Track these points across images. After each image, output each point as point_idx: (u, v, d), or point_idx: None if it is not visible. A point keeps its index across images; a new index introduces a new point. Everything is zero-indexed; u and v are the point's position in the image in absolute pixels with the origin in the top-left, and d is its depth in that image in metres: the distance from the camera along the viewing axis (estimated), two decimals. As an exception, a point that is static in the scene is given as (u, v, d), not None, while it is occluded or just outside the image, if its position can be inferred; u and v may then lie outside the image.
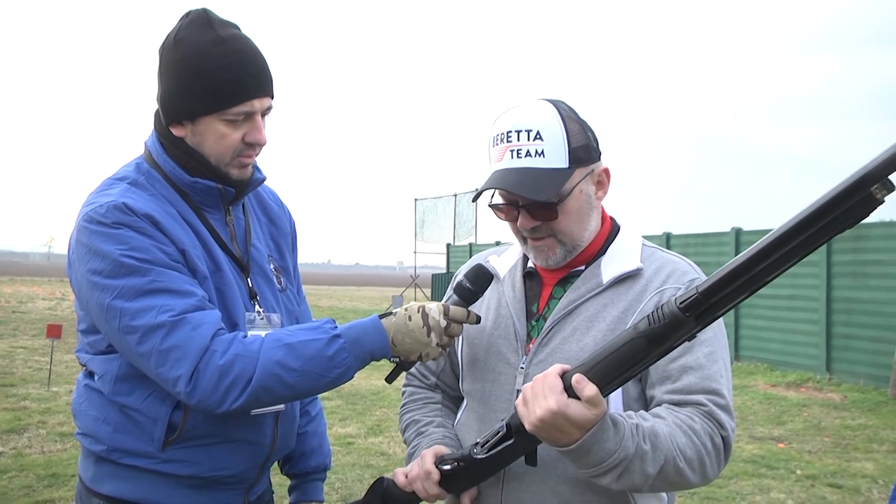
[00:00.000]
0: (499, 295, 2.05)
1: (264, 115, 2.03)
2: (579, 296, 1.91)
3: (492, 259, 2.12)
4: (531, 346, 1.93)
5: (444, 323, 1.92)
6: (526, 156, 1.82)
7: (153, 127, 2.10)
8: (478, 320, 1.97)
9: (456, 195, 29.30)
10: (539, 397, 1.59)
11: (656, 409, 1.76)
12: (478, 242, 27.32)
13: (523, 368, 1.91)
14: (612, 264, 1.93)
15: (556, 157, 1.82)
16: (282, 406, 2.10)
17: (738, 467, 7.31)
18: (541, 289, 2.01)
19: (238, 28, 2.02)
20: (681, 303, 1.48)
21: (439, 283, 26.18)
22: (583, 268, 1.96)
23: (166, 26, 2.10)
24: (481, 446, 1.79)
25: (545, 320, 1.94)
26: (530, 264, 2.03)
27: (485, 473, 1.83)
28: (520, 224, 1.90)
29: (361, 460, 7.35)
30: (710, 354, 1.79)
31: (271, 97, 2.04)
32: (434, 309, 1.93)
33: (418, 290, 30.45)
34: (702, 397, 1.74)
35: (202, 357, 1.81)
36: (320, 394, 2.11)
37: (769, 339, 14.54)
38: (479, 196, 1.94)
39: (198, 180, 2.03)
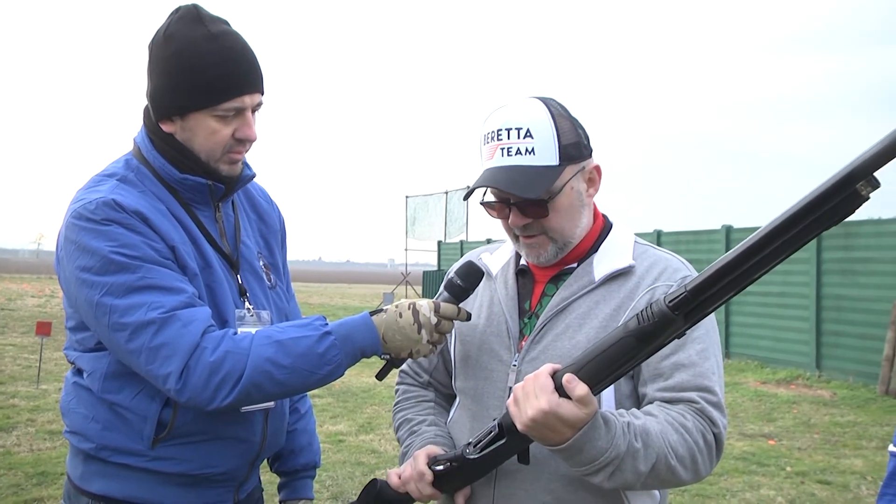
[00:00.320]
0: (491, 292, 2.04)
1: (254, 111, 2.02)
2: (571, 293, 1.90)
3: (484, 257, 2.11)
4: (524, 343, 1.92)
5: (434, 320, 1.91)
6: (516, 154, 1.82)
7: (142, 123, 2.09)
8: (468, 317, 1.96)
9: (447, 192, 29.31)
10: (530, 397, 1.59)
11: (648, 407, 1.76)
12: (469, 240, 27.34)
13: (516, 366, 1.90)
14: (605, 262, 1.92)
15: (547, 154, 1.82)
16: (271, 403, 2.09)
17: (729, 464, 7.33)
18: (533, 286, 2.00)
19: (228, 24, 2.01)
20: (670, 301, 1.49)
21: (430, 281, 26.18)
22: (575, 265, 1.96)
23: (156, 22, 2.09)
24: (473, 446, 1.79)
25: (537, 318, 1.94)
26: (523, 262, 2.03)
27: (478, 473, 1.83)
28: (511, 222, 1.90)
29: (352, 458, 7.35)
30: (702, 352, 1.79)
31: (261, 93, 2.03)
32: (425, 306, 1.92)
33: (409, 287, 30.46)
34: (693, 395, 1.74)
35: (192, 354, 1.81)
36: (310, 391, 2.11)
37: (759, 336, 14.60)
38: (470, 194, 1.94)
39: (187, 177, 2.02)
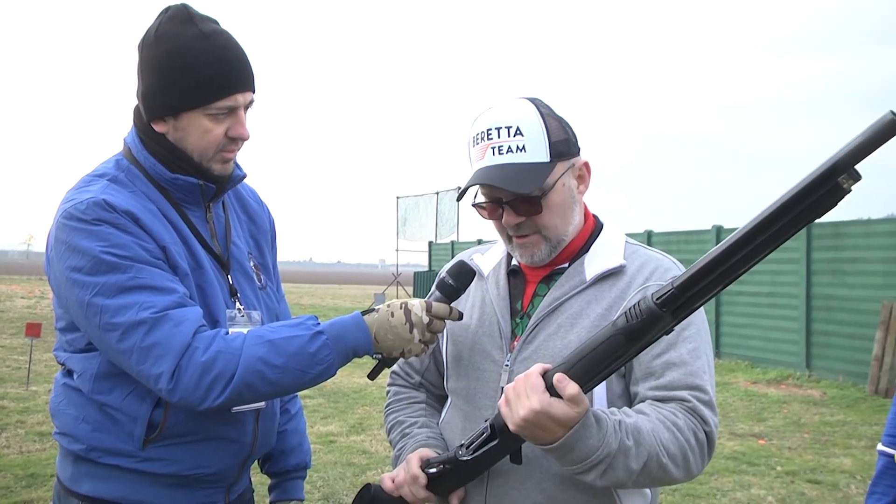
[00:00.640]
0: (483, 293, 2.04)
1: (246, 109, 2.02)
2: (563, 293, 1.91)
3: (476, 257, 2.11)
4: (516, 343, 1.93)
5: (426, 319, 1.91)
6: (507, 152, 1.83)
7: (133, 123, 2.08)
8: (460, 317, 1.97)
9: (438, 193, 29.32)
10: (522, 397, 1.60)
11: (639, 406, 1.77)
12: (460, 240, 27.36)
13: (508, 366, 1.90)
14: (596, 261, 1.93)
15: (537, 151, 1.83)
16: (262, 404, 2.09)
17: (720, 464, 7.35)
18: (525, 286, 2.01)
19: (218, 23, 2.01)
20: (657, 299, 1.50)
21: (421, 281, 26.19)
22: (566, 265, 1.96)
23: (145, 22, 2.09)
24: (466, 448, 1.80)
25: (529, 318, 1.94)
26: (514, 262, 2.03)
27: (471, 474, 1.84)
28: (504, 221, 1.90)
29: (343, 458, 7.34)
30: (694, 351, 1.80)
31: (253, 91, 2.03)
32: (417, 305, 1.92)
33: (400, 288, 30.45)
34: (685, 393, 1.75)
35: (184, 354, 1.80)
36: (302, 391, 2.11)
37: (750, 336, 14.64)
38: (463, 195, 1.93)
39: (178, 176, 2.02)
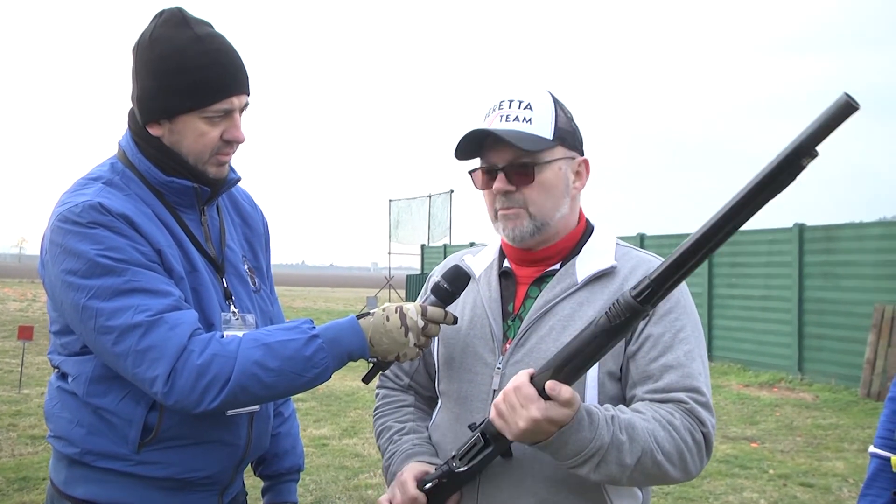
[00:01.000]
0: (474, 295, 2.05)
1: (241, 112, 2.03)
2: (555, 295, 1.92)
3: (467, 259, 2.12)
4: (508, 345, 1.93)
5: (421, 323, 1.92)
6: (514, 120, 1.89)
7: (127, 126, 2.08)
8: (455, 321, 1.97)
9: (430, 196, 29.32)
10: (518, 409, 1.62)
11: (636, 405, 1.79)
12: (452, 243, 27.35)
13: (500, 368, 1.91)
14: (587, 263, 1.94)
15: (543, 127, 1.89)
16: (256, 407, 2.09)
17: (712, 467, 7.36)
18: (516, 288, 2.01)
19: (212, 26, 2.02)
20: (636, 295, 1.55)
21: (414, 284, 26.18)
22: (557, 266, 1.97)
23: (138, 25, 2.09)
24: (459, 459, 1.81)
25: (521, 320, 1.95)
26: (506, 264, 2.04)
27: (466, 481, 1.85)
28: (495, 187, 1.91)
29: (336, 462, 7.34)
30: (689, 353, 1.82)
31: (248, 94, 2.04)
32: (412, 309, 1.93)
33: (393, 291, 30.43)
34: (682, 395, 1.77)
35: (179, 357, 1.80)
36: (296, 395, 2.11)
37: (742, 339, 14.68)
38: (460, 149, 1.93)
39: (174, 179, 2.02)
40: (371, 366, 2.00)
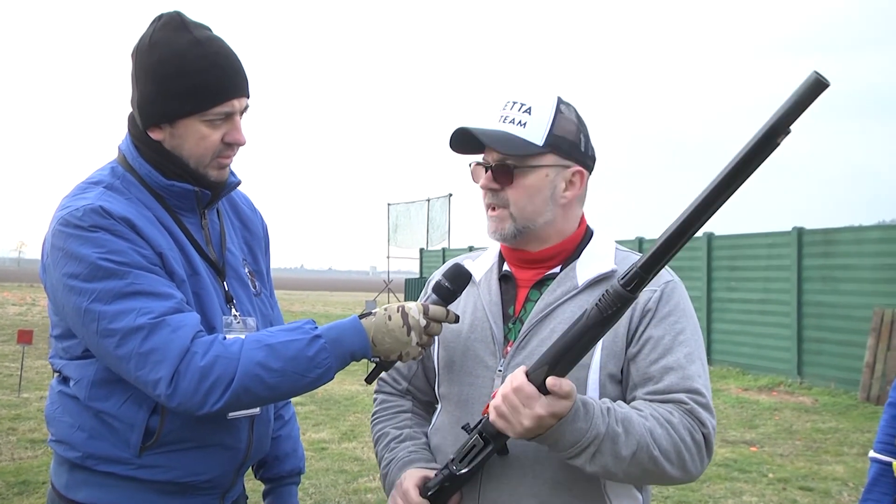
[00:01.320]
0: (475, 298, 2.05)
1: (241, 114, 2.04)
2: (556, 298, 1.92)
3: (466, 263, 2.12)
4: (509, 348, 1.94)
5: (423, 322, 1.92)
6: (510, 122, 1.92)
7: (127, 131, 2.09)
8: (457, 319, 1.98)
9: (429, 200, 29.34)
10: (520, 408, 1.64)
11: (635, 403, 1.80)
12: (451, 247, 27.36)
13: (501, 371, 1.92)
14: (587, 267, 1.95)
15: (534, 133, 1.90)
16: (257, 410, 2.10)
17: (711, 471, 7.35)
18: (516, 291, 2.02)
19: (211, 30, 2.03)
20: (625, 283, 1.59)
21: (413, 288, 26.19)
22: (558, 270, 1.98)
23: (137, 29, 2.10)
24: (459, 461, 1.82)
25: (522, 323, 1.96)
26: (506, 268, 2.05)
27: (466, 482, 1.86)
28: (481, 183, 1.96)
29: (335, 465, 7.34)
30: (689, 355, 1.83)
31: (248, 97, 2.04)
32: (414, 308, 1.93)
33: (391, 294, 30.42)
34: (683, 396, 1.78)
35: (182, 359, 1.80)
36: (298, 396, 2.11)
37: (741, 343, 14.68)
38: (458, 145, 1.97)
39: (174, 183, 2.02)
40: (373, 365, 2.00)
